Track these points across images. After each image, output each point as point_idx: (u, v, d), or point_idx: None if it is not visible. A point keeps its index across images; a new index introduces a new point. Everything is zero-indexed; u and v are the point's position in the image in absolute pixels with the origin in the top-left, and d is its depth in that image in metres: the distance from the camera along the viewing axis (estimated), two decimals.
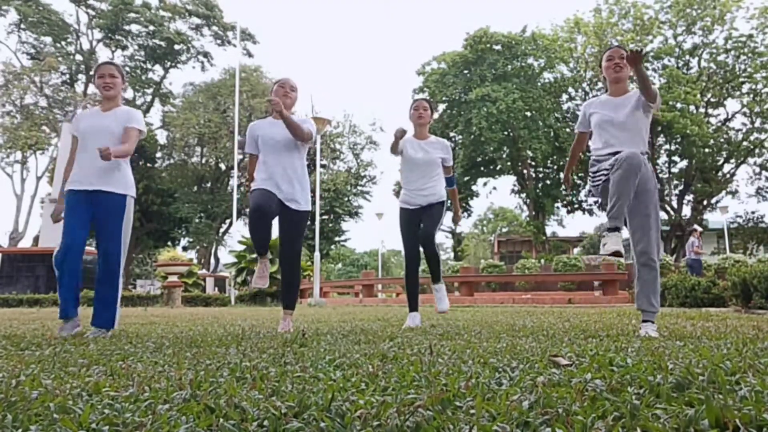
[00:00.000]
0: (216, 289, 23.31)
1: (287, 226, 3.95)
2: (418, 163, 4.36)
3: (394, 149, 4.33)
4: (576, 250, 35.00)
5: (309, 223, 4.23)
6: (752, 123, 27.29)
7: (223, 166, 34.18)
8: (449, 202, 4.68)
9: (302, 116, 4.21)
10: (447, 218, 5.54)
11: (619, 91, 3.48)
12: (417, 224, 4.39)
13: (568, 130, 27.74)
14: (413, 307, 4.47)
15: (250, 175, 4.04)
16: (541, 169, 30.93)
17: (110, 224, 3.68)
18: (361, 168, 35.15)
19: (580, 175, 24.55)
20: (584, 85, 28.43)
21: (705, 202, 28.08)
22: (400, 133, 4.20)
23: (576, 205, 30.09)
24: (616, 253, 3.17)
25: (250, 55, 34.68)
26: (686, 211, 28.48)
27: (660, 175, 28.15)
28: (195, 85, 34.79)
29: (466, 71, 28.53)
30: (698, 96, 25.45)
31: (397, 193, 32.74)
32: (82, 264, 3.66)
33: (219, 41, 34.56)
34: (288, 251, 4.00)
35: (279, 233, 4.01)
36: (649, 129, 3.53)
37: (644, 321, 3.31)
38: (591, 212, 29.94)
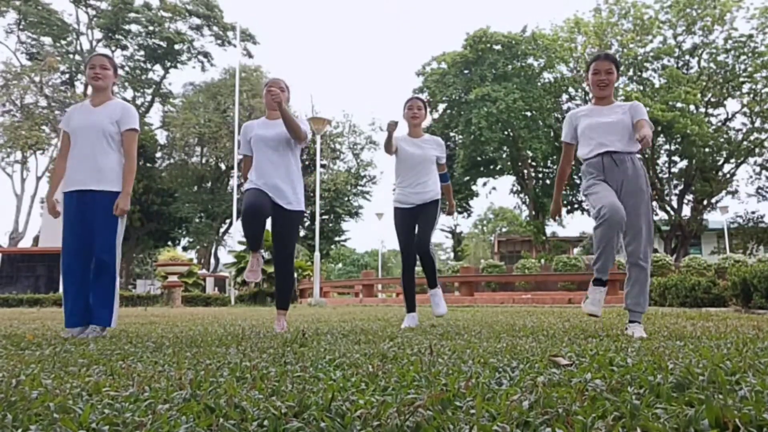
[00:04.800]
0: (216, 289, 23.31)
1: (280, 226, 3.91)
2: (413, 160, 4.32)
3: (388, 146, 4.22)
4: (576, 250, 34.93)
5: (308, 223, 4.23)
6: (752, 123, 27.25)
7: (223, 166, 34.18)
8: (444, 201, 4.66)
9: (300, 117, 4.20)
10: (443, 218, 5.54)
11: (605, 103, 3.53)
12: (412, 224, 4.35)
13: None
14: (411, 307, 4.46)
15: (244, 176, 4.02)
16: (541, 169, 30.90)
17: (102, 222, 3.61)
18: (361, 168, 35.13)
19: (579, 175, 24.52)
20: (584, 85, 28.38)
21: (705, 202, 28.06)
22: (393, 126, 4.09)
23: (576, 205, 30.09)
24: (593, 315, 3.29)
25: (250, 55, 34.71)
26: (686, 211, 28.48)
27: (660, 175, 28.14)
28: (195, 85, 34.83)
29: (466, 71, 28.50)
30: (698, 96, 25.42)
31: None
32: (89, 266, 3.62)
33: (219, 41, 34.57)
34: (281, 251, 3.97)
35: (272, 233, 3.97)
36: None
37: (631, 321, 3.31)
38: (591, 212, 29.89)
